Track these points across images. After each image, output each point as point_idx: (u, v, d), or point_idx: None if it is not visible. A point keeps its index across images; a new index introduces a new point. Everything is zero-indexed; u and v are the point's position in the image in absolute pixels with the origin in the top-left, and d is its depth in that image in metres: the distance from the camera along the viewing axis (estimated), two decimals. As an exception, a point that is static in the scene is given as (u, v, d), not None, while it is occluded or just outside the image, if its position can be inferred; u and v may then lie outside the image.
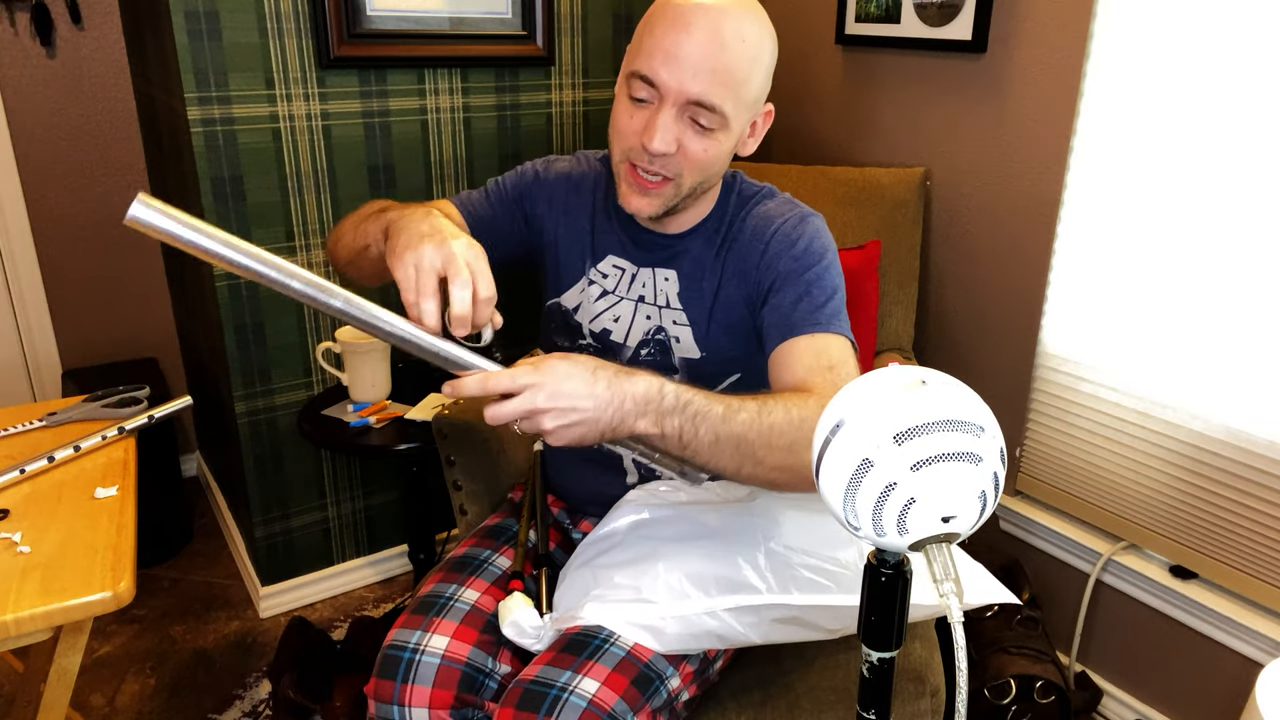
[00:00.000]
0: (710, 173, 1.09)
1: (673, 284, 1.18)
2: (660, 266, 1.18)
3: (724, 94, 1.01)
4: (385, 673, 1.08)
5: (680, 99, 1.01)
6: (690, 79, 1.00)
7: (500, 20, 2.01)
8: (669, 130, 1.02)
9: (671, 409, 0.90)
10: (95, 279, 2.44)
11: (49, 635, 1.05)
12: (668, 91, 1.01)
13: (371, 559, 2.24)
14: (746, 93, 1.04)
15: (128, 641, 2.01)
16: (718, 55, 1.00)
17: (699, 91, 1.00)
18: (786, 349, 1.06)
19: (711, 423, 0.91)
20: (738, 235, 1.16)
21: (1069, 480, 1.81)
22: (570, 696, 0.97)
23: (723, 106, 1.02)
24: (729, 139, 1.07)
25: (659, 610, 1.03)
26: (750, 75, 1.03)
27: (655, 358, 1.17)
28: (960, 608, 0.62)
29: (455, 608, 1.12)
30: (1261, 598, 1.53)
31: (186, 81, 1.71)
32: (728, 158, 1.10)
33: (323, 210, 1.93)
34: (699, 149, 1.04)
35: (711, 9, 1.00)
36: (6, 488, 1.20)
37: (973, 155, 1.86)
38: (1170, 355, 1.59)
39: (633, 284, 1.20)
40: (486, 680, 1.10)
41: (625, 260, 1.21)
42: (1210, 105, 1.47)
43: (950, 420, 0.60)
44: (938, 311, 2.01)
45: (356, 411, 1.90)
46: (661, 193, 1.07)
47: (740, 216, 1.17)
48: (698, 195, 1.12)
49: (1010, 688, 1.61)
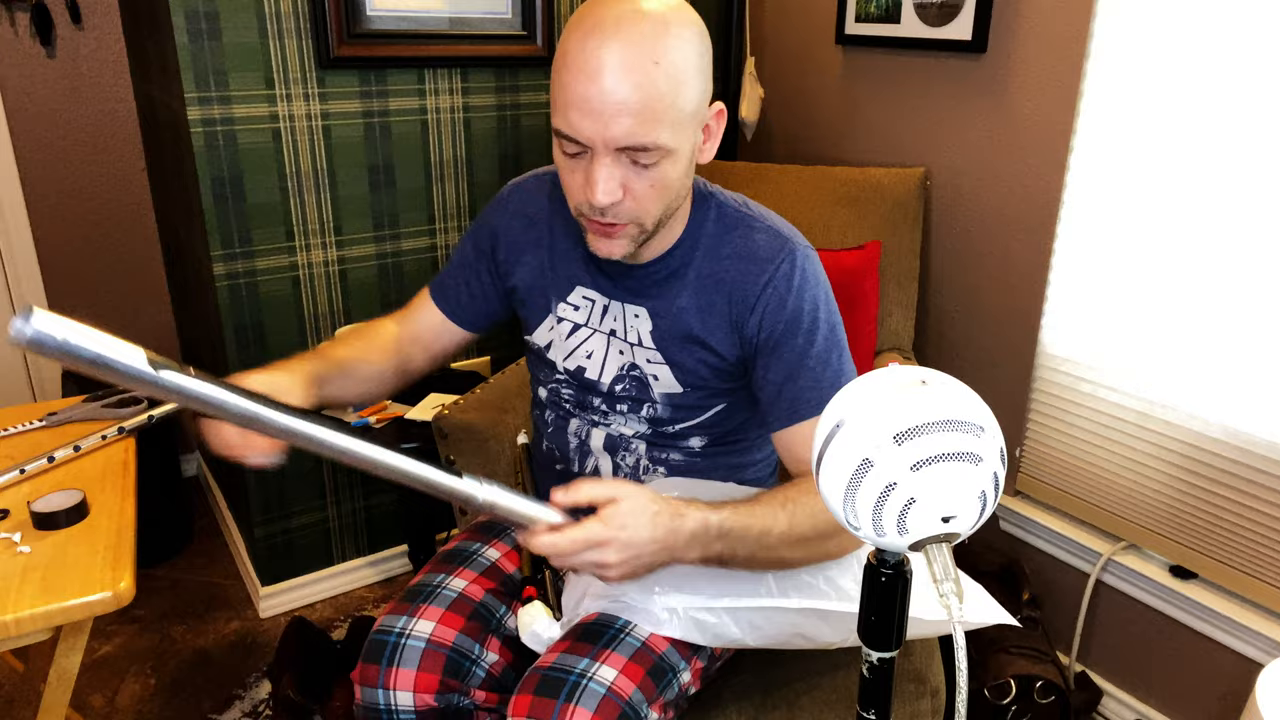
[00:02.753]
0: (669, 200, 1.01)
1: (644, 321, 1.11)
2: (630, 302, 1.12)
3: (653, 128, 0.92)
4: (370, 657, 1.09)
5: (609, 148, 0.93)
6: (612, 128, 0.92)
7: (500, 20, 2.01)
8: (610, 180, 0.95)
9: (716, 538, 0.96)
10: (95, 279, 2.44)
11: (49, 635, 1.05)
12: (594, 144, 0.93)
13: (371, 559, 2.24)
14: (679, 113, 0.95)
15: (128, 641, 2.01)
16: (633, 94, 0.90)
17: (624, 136, 0.92)
18: (793, 433, 1.07)
19: (748, 544, 0.97)
20: (720, 277, 1.08)
21: (1069, 480, 1.81)
22: (589, 683, 0.97)
23: (657, 140, 0.93)
24: (677, 164, 0.98)
25: (662, 602, 1.04)
26: (678, 94, 0.93)
27: (631, 393, 1.14)
28: (959, 607, 0.62)
29: (442, 595, 1.13)
30: (1261, 598, 1.53)
31: (186, 81, 1.71)
32: (686, 178, 1.03)
33: (323, 210, 1.93)
34: (645, 187, 0.97)
35: (612, 44, 0.90)
36: (6, 488, 1.20)
37: (972, 155, 1.86)
38: (1170, 355, 1.59)
39: (604, 316, 1.14)
40: (473, 667, 1.10)
41: (595, 291, 1.15)
42: (1210, 105, 1.47)
43: (950, 420, 0.60)
44: (938, 311, 2.01)
45: (356, 412, 1.90)
46: (626, 233, 1.01)
47: (719, 252, 1.09)
48: (665, 223, 1.05)
49: (1010, 688, 1.61)
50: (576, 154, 0.96)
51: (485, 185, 2.12)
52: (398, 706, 1.07)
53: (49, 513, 1.12)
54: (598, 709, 0.96)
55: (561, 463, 1.23)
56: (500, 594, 1.17)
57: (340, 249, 1.97)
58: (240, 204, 1.83)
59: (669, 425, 1.14)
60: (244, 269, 1.87)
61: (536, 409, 1.29)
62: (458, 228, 2.11)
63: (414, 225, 2.05)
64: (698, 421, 1.14)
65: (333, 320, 2.01)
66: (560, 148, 0.98)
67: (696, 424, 1.14)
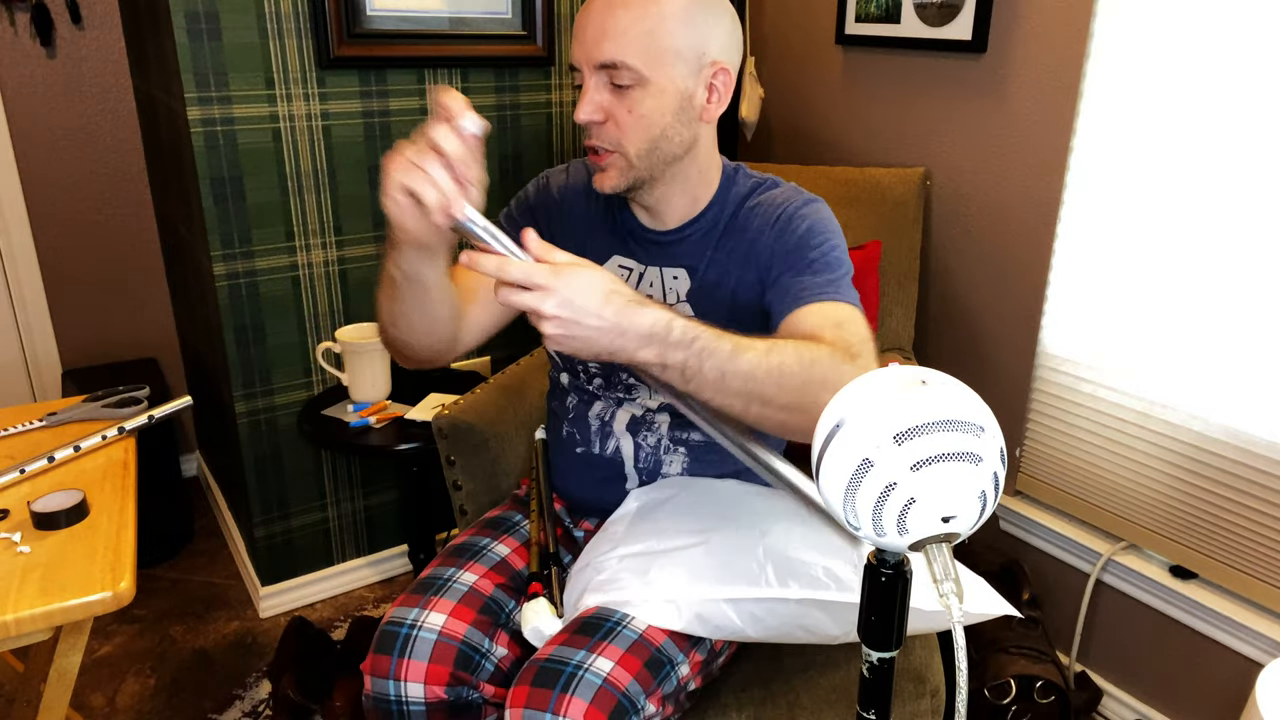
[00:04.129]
0: (654, 135, 1.08)
1: (683, 282, 1.18)
2: (668, 266, 1.19)
3: (626, 48, 1.03)
4: (382, 648, 1.09)
5: (591, 66, 1.05)
6: (593, 47, 1.04)
7: (500, 20, 2.01)
8: (590, 101, 1.06)
9: (678, 343, 0.89)
10: (95, 279, 2.44)
11: (49, 635, 1.05)
12: (583, 66, 1.06)
13: (371, 559, 2.24)
14: (657, 44, 1.03)
15: (128, 641, 2.01)
16: (611, 14, 1.03)
17: (601, 54, 1.03)
18: (793, 318, 1.05)
19: (718, 359, 0.90)
20: (744, 225, 1.16)
21: (1069, 480, 1.81)
22: (585, 674, 0.98)
23: (627, 60, 1.03)
24: (656, 97, 1.05)
25: (661, 594, 1.04)
26: (658, 27, 1.03)
27: None
28: (960, 607, 0.62)
29: (453, 588, 1.14)
30: (1261, 598, 1.53)
31: (186, 81, 1.71)
32: (675, 119, 1.08)
33: (323, 210, 1.93)
34: (623, 110, 1.06)
35: None
36: (6, 488, 1.20)
37: (973, 155, 1.86)
38: (1170, 355, 1.59)
39: (640, 283, 1.20)
40: (483, 661, 1.11)
41: (631, 260, 1.21)
42: (1210, 105, 1.47)
43: (950, 420, 0.60)
44: (938, 311, 2.01)
45: (356, 411, 1.90)
46: (613, 163, 1.10)
47: (744, 207, 1.17)
48: (660, 166, 1.11)
49: (1010, 688, 1.61)
50: (579, 86, 1.08)
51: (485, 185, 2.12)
52: (408, 698, 1.07)
53: (49, 513, 1.12)
54: (594, 699, 0.96)
55: (582, 445, 1.26)
56: (509, 589, 1.18)
57: (340, 249, 1.98)
58: (240, 204, 1.83)
59: None
60: (244, 269, 1.87)
61: (555, 398, 1.32)
62: (458, 228, 2.11)
63: (414, 225, 2.05)
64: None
65: (333, 320, 2.01)
66: (573, 83, 1.11)
67: None
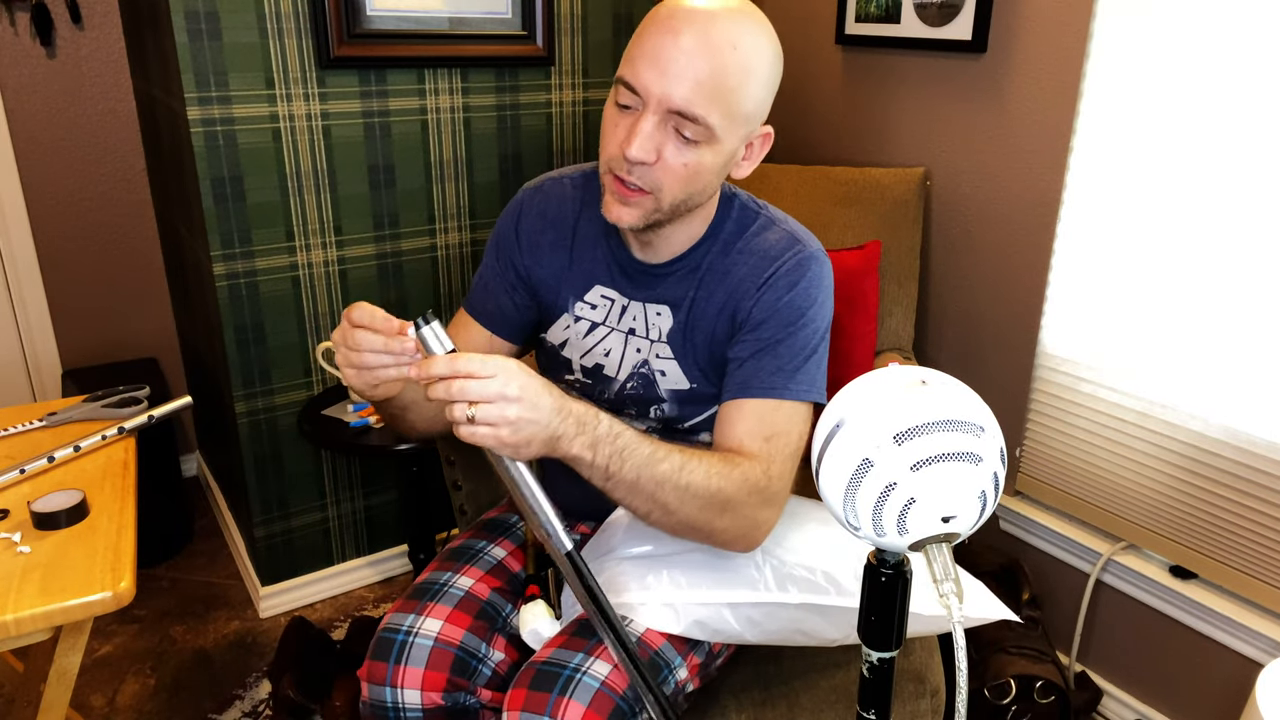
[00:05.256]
0: (694, 190, 1.01)
1: (665, 319, 1.13)
2: (653, 301, 1.13)
3: (709, 104, 0.94)
4: (378, 655, 1.09)
5: (662, 106, 0.95)
6: (673, 85, 0.93)
7: (500, 20, 2.01)
8: (649, 139, 0.95)
9: (604, 437, 0.92)
10: (95, 279, 2.44)
11: (49, 635, 1.05)
12: (649, 98, 0.95)
13: (371, 559, 2.24)
14: (737, 105, 0.96)
15: (128, 641, 2.01)
16: (704, 62, 0.93)
17: (681, 99, 0.93)
18: (735, 407, 1.05)
19: (636, 461, 0.92)
20: (728, 270, 1.09)
21: (1069, 480, 1.81)
22: (583, 677, 0.98)
23: (707, 118, 0.95)
24: (716, 155, 0.99)
25: (660, 597, 1.04)
26: (742, 86, 0.96)
27: (639, 390, 1.15)
28: (960, 607, 0.62)
29: (449, 593, 1.13)
30: (1261, 598, 1.53)
31: (186, 81, 1.71)
32: (716, 177, 1.03)
33: (323, 210, 1.93)
34: (679, 162, 0.97)
35: (701, 13, 0.94)
36: (6, 488, 1.20)
37: (973, 155, 1.86)
38: (1170, 355, 1.59)
39: (623, 316, 1.15)
40: (480, 665, 1.11)
41: (614, 291, 1.15)
42: (1210, 105, 1.47)
43: (950, 420, 0.60)
44: (938, 311, 2.01)
45: (356, 411, 1.90)
46: (641, 203, 1.00)
47: (733, 249, 1.10)
48: (682, 213, 1.05)
49: (1010, 688, 1.61)
50: (628, 107, 0.98)
51: (485, 185, 2.12)
52: (405, 705, 1.07)
53: (49, 513, 1.12)
54: (591, 703, 0.96)
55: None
56: (506, 593, 1.18)
57: (340, 249, 1.97)
58: (240, 204, 1.83)
59: (679, 422, 1.16)
60: (244, 269, 1.87)
61: None
62: (458, 228, 2.11)
63: (414, 225, 2.05)
64: (708, 415, 1.15)
65: (333, 320, 2.01)
66: (615, 97, 0.99)
67: (707, 418, 1.15)
